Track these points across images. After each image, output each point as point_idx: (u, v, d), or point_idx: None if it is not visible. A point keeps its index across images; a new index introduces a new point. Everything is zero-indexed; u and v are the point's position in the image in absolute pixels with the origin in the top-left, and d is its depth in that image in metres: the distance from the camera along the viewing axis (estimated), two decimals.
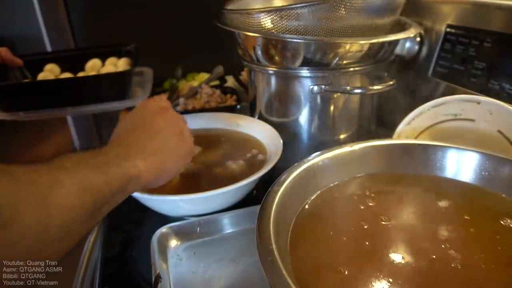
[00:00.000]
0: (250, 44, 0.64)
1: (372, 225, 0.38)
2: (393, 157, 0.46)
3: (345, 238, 0.37)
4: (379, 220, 0.39)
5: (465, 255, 0.34)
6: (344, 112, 0.67)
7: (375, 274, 0.32)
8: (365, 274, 0.33)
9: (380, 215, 0.39)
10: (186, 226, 0.49)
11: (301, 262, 0.33)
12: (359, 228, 0.38)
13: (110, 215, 0.37)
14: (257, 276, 0.42)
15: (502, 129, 0.50)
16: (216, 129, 0.72)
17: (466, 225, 0.38)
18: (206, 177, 0.58)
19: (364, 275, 0.33)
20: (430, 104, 0.56)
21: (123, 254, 0.53)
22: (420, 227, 0.38)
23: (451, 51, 0.64)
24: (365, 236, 0.37)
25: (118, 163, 0.38)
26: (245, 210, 0.51)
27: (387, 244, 0.36)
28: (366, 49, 0.60)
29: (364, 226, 0.38)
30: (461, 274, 0.32)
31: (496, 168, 0.42)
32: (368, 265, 0.34)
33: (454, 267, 0.33)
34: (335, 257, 0.35)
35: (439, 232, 0.37)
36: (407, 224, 0.39)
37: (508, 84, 0.55)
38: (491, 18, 0.58)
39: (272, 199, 0.36)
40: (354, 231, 0.38)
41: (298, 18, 0.57)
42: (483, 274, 0.32)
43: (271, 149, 0.62)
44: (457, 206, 0.41)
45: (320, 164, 0.43)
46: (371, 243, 0.36)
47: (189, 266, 0.44)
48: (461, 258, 0.34)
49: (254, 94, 0.72)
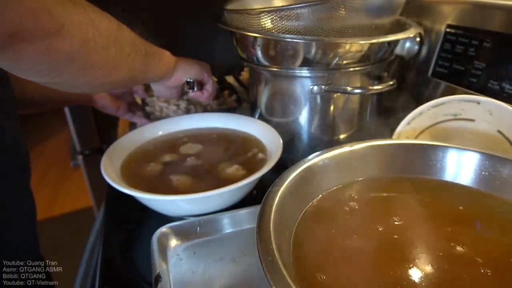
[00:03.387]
0: (250, 44, 0.64)
1: (373, 227, 0.38)
2: (393, 157, 0.46)
3: (346, 239, 0.37)
4: (381, 221, 0.39)
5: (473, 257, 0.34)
6: (344, 112, 0.67)
7: (377, 276, 0.32)
8: (366, 275, 0.33)
9: (382, 217, 0.39)
10: (186, 226, 0.49)
11: (302, 262, 0.33)
12: (360, 229, 0.38)
13: (110, 215, 0.37)
14: (257, 276, 0.42)
15: (502, 129, 0.50)
16: (216, 128, 0.72)
17: (472, 228, 0.38)
18: (206, 177, 0.58)
19: (365, 276, 0.33)
20: (430, 104, 0.56)
21: (123, 254, 0.53)
22: (425, 229, 0.38)
23: (451, 51, 0.64)
24: (366, 237, 0.37)
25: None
26: (245, 210, 0.51)
27: (388, 246, 0.36)
28: (366, 49, 0.60)
29: (365, 228, 0.38)
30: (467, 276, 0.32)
31: (496, 168, 0.42)
32: (369, 267, 0.34)
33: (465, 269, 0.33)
34: (335, 258, 0.35)
35: (445, 234, 0.37)
36: (410, 226, 0.39)
37: (508, 84, 0.55)
38: (491, 18, 0.58)
39: (272, 199, 0.36)
40: (355, 232, 0.38)
41: (298, 18, 0.57)
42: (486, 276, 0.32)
43: (271, 149, 0.61)
44: (462, 208, 0.41)
45: (320, 164, 0.42)
46: (372, 245, 0.36)
47: (189, 266, 0.44)
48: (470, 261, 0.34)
49: (254, 94, 0.72)
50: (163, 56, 0.59)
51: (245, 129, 0.70)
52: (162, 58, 0.59)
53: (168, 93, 0.67)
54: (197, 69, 0.66)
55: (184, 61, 0.64)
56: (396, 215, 0.39)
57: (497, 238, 0.37)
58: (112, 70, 0.47)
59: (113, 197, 0.63)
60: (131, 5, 1.01)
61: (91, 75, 0.45)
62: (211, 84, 0.70)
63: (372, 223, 0.38)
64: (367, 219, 0.39)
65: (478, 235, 0.37)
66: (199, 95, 0.69)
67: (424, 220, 0.39)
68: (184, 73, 0.64)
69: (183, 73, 0.64)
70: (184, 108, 0.87)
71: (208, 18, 0.74)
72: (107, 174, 0.53)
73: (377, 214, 0.40)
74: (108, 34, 0.44)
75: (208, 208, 0.53)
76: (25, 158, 0.60)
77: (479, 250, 0.35)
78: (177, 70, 0.63)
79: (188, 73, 0.65)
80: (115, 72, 0.48)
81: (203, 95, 0.70)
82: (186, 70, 0.64)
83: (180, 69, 0.63)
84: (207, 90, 0.70)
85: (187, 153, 0.64)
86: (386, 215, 0.39)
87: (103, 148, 1.27)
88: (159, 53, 0.58)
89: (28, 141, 0.60)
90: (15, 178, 0.59)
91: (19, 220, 0.60)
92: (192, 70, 0.65)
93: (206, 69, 0.69)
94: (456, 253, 0.34)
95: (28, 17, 0.33)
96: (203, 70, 0.67)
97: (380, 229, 0.38)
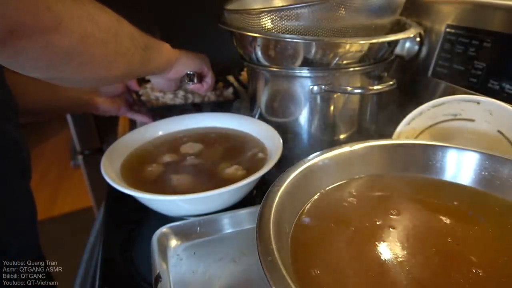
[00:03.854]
0: (250, 44, 0.64)
1: (374, 226, 0.38)
2: (393, 157, 0.46)
3: (346, 240, 0.37)
4: (381, 221, 0.39)
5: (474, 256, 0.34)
6: (344, 112, 0.67)
7: (377, 276, 0.32)
8: (366, 275, 0.33)
9: (382, 216, 0.39)
10: (186, 226, 0.49)
11: (302, 262, 0.33)
12: (361, 229, 0.38)
13: (110, 215, 0.37)
14: (257, 276, 0.42)
15: (502, 129, 0.50)
16: (216, 128, 0.72)
17: (471, 227, 0.38)
18: (206, 177, 0.58)
19: (366, 276, 0.33)
20: (430, 104, 0.56)
21: (123, 254, 0.53)
22: (424, 228, 0.38)
23: (451, 51, 0.64)
24: (366, 238, 0.37)
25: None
26: (245, 210, 0.51)
27: (389, 246, 0.36)
28: (366, 49, 0.60)
29: (366, 227, 0.38)
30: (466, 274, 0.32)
31: (496, 168, 0.42)
32: (370, 267, 0.34)
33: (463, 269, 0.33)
34: (335, 258, 0.35)
35: (447, 234, 0.37)
36: (409, 225, 0.39)
37: (508, 84, 0.55)
38: (491, 18, 0.58)
39: (272, 199, 0.36)
40: (355, 232, 0.38)
41: (298, 18, 0.57)
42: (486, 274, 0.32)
43: (271, 149, 0.61)
44: (460, 207, 0.41)
45: (320, 164, 0.42)
46: (373, 244, 0.36)
47: (189, 266, 0.44)
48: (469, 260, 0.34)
49: (254, 94, 0.72)
50: (162, 49, 0.59)
51: (245, 129, 0.70)
52: (161, 52, 0.59)
53: (166, 85, 0.68)
54: (196, 62, 0.67)
55: (184, 53, 0.65)
56: (395, 214, 0.39)
57: (496, 238, 0.37)
58: (112, 65, 0.47)
59: (113, 197, 0.63)
60: (131, 5, 1.01)
61: (91, 70, 0.45)
62: (211, 77, 0.71)
63: (374, 222, 0.38)
64: (369, 219, 0.39)
65: (477, 233, 0.37)
66: (199, 87, 0.71)
67: (428, 221, 0.39)
68: (184, 66, 0.65)
69: (183, 66, 0.65)
70: (182, 97, 0.87)
71: (208, 18, 0.75)
72: (107, 174, 0.53)
73: (376, 211, 0.40)
74: (107, 28, 0.44)
75: (208, 208, 0.53)
76: (26, 161, 0.60)
77: (475, 249, 0.35)
78: (178, 63, 0.64)
79: (188, 66, 0.66)
80: (115, 67, 0.48)
81: (202, 87, 0.71)
82: (186, 63, 0.65)
83: (181, 62, 0.64)
84: (207, 82, 0.71)
85: (187, 153, 0.64)
86: (385, 213, 0.39)
87: (103, 148, 1.28)
88: (159, 46, 0.58)
89: (28, 141, 0.60)
90: (16, 180, 0.59)
91: (20, 222, 0.60)
92: (191, 63, 0.66)
93: (206, 62, 0.70)
94: (453, 250, 0.35)
95: (27, 12, 0.33)
96: (202, 63, 0.68)
97: (378, 225, 0.38)
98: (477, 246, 0.35)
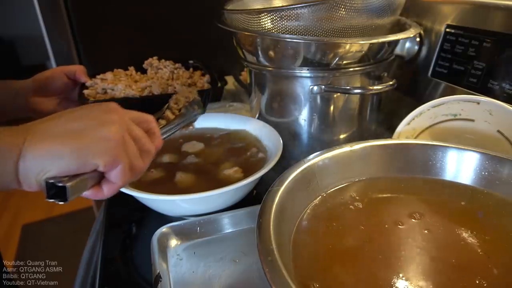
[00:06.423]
0: (250, 44, 0.64)
1: (374, 227, 0.38)
2: (393, 157, 0.46)
3: (346, 240, 0.37)
4: (381, 222, 0.39)
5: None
6: (344, 112, 0.67)
7: (377, 276, 0.32)
8: (366, 275, 0.33)
9: (383, 217, 0.39)
10: (186, 226, 0.49)
11: (302, 262, 0.33)
12: (361, 230, 0.38)
13: (110, 215, 0.37)
14: (257, 276, 0.42)
15: (502, 129, 0.50)
16: (216, 128, 0.72)
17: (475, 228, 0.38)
18: (206, 177, 0.58)
19: (366, 276, 0.33)
20: (430, 104, 0.56)
21: (123, 254, 0.53)
22: (425, 229, 0.38)
23: (451, 51, 0.64)
24: (367, 238, 0.37)
25: None
26: (245, 210, 0.51)
27: (388, 246, 0.36)
28: (366, 49, 0.60)
29: (366, 228, 0.38)
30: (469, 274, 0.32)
31: (496, 168, 0.42)
32: (370, 267, 0.34)
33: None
34: (336, 258, 0.35)
35: (449, 235, 0.37)
36: (410, 226, 0.39)
37: (508, 84, 0.55)
38: (491, 18, 0.58)
39: (272, 199, 0.36)
40: (355, 233, 0.38)
41: (298, 18, 0.57)
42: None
43: (271, 149, 0.62)
44: (463, 204, 0.41)
45: (320, 164, 0.43)
46: (373, 245, 0.36)
47: (189, 266, 0.44)
48: None
49: (254, 94, 0.72)
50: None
51: (245, 129, 0.70)
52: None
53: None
54: (71, 154, 0.34)
55: (39, 139, 0.33)
56: (396, 214, 0.39)
57: (496, 237, 0.37)
58: None
59: (113, 197, 0.63)
60: (131, 5, 1.01)
61: None
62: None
63: (372, 222, 0.38)
64: (369, 220, 0.39)
65: (476, 232, 0.37)
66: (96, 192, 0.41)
67: (429, 222, 0.39)
68: (42, 169, 0.33)
69: (39, 168, 0.33)
70: (141, 88, 0.79)
71: (208, 18, 0.74)
72: None
73: (378, 214, 0.40)
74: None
75: (208, 208, 0.53)
76: None
77: (477, 246, 0.35)
78: (25, 164, 0.33)
79: (54, 164, 0.33)
80: None
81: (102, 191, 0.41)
82: (45, 161, 0.33)
83: (32, 162, 0.33)
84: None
85: (188, 153, 0.64)
86: (387, 215, 0.39)
87: None
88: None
89: None
90: None
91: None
92: (58, 158, 0.33)
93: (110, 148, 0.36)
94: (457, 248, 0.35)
95: None
96: (88, 153, 0.35)
97: (380, 228, 0.38)
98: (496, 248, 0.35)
